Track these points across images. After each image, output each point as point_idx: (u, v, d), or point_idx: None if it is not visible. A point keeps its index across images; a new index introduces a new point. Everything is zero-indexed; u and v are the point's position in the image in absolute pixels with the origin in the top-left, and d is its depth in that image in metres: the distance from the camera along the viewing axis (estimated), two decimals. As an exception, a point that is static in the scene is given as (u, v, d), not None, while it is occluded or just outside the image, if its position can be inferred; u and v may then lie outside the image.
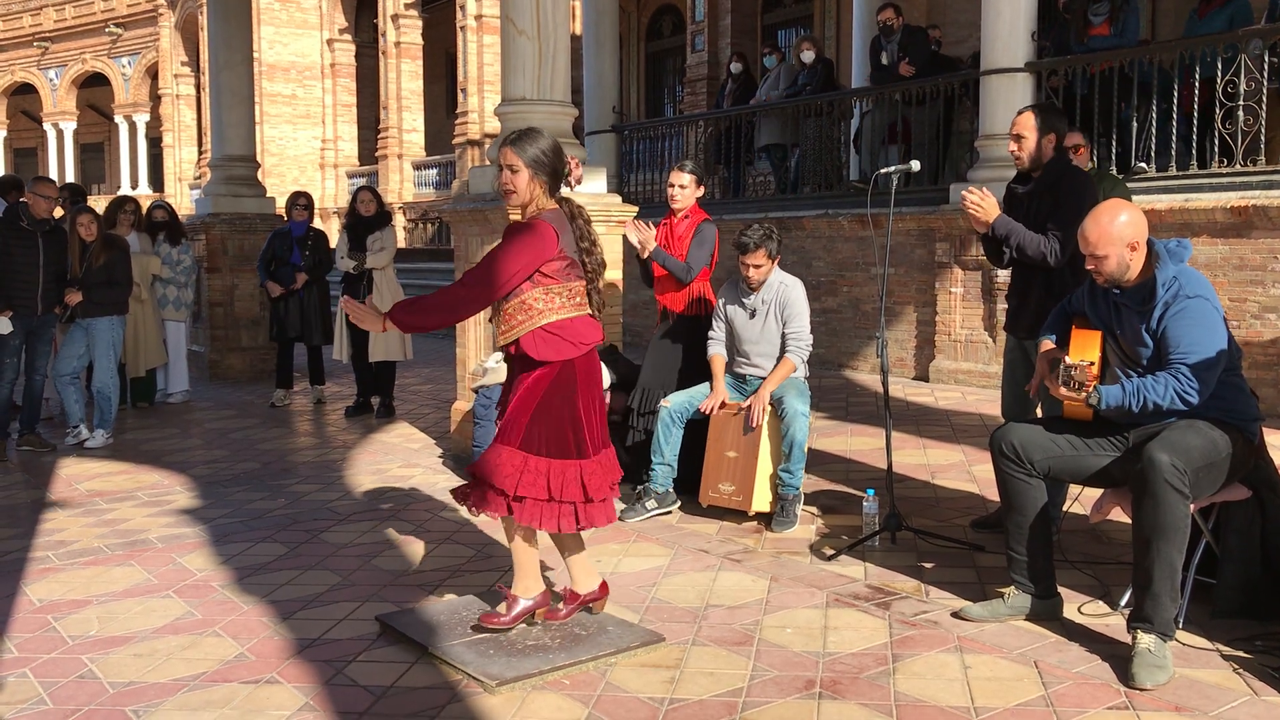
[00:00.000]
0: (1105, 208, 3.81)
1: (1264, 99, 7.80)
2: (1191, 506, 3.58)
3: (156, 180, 32.68)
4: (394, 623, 4.05)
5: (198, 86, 29.17)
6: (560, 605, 4.05)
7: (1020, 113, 4.87)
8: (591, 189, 6.87)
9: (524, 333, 3.83)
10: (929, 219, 9.53)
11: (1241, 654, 3.63)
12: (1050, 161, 4.81)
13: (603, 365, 6.28)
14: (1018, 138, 4.83)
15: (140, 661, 3.83)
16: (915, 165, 5.24)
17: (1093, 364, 3.77)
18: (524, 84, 6.74)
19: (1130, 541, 3.72)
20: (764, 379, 5.43)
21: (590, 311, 3.96)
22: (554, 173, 3.89)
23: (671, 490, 5.56)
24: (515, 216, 4.99)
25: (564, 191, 4.02)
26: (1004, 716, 3.26)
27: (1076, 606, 4.09)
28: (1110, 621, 3.95)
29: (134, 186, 32.20)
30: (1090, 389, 3.68)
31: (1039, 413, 4.85)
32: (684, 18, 19.51)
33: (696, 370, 5.77)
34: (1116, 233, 3.70)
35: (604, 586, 4.13)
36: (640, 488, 5.64)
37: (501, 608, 3.96)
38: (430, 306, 3.87)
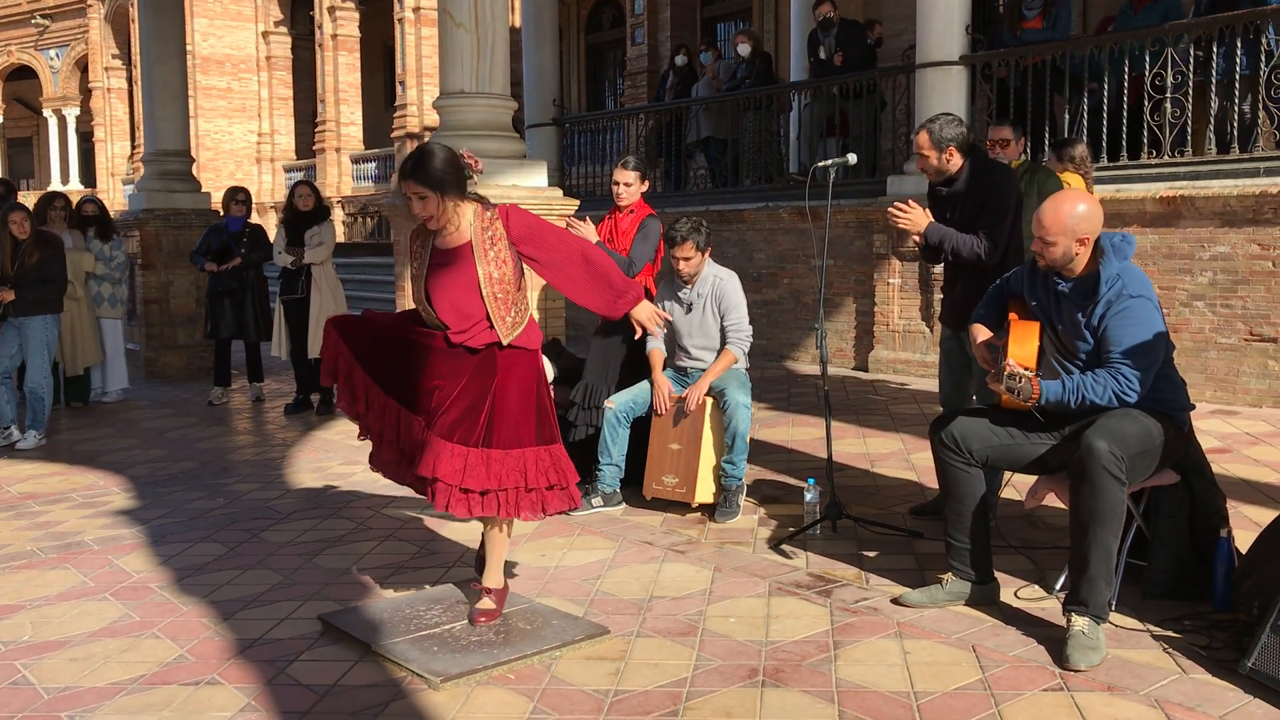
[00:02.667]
0: (1067, 197, 3.87)
1: (1190, 92, 7.99)
2: (1126, 492, 3.67)
3: (88, 175, 32.02)
4: (336, 621, 4.02)
5: (130, 80, 28.61)
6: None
7: (918, 131, 4.93)
8: (532, 183, 6.86)
9: (529, 317, 3.96)
10: (867, 211, 9.63)
11: (1171, 634, 3.73)
12: (968, 164, 4.87)
13: (545, 359, 6.29)
14: (920, 156, 4.91)
15: (76, 666, 3.77)
16: (852, 158, 5.29)
17: (1037, 375, 3.81)
18: (462, 77, 6.72)
19: (1064, 526, 3.81)
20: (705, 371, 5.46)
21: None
22: (458, 182, 3.87)
23: (618, 491, 5.56)
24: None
25: (471, 187, 4.04)
26: (943, 700, 3.32)
27: (1013, 591, 4.17)
28: (1046, 605, 4.03)
29: (64, 182, 31.52)
30: (1034, 400, 3.73)
31: (975, 401, 4.93)
32: (624, 10, 19.50)
33: (639, 365, 5.78)
34: (1071, 225, 3.76)
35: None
36: (587, 485, 5.65)
37: (486, 602, 4.01)
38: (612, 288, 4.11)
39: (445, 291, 3.87)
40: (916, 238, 4.93)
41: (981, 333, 4.19)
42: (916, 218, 4.83)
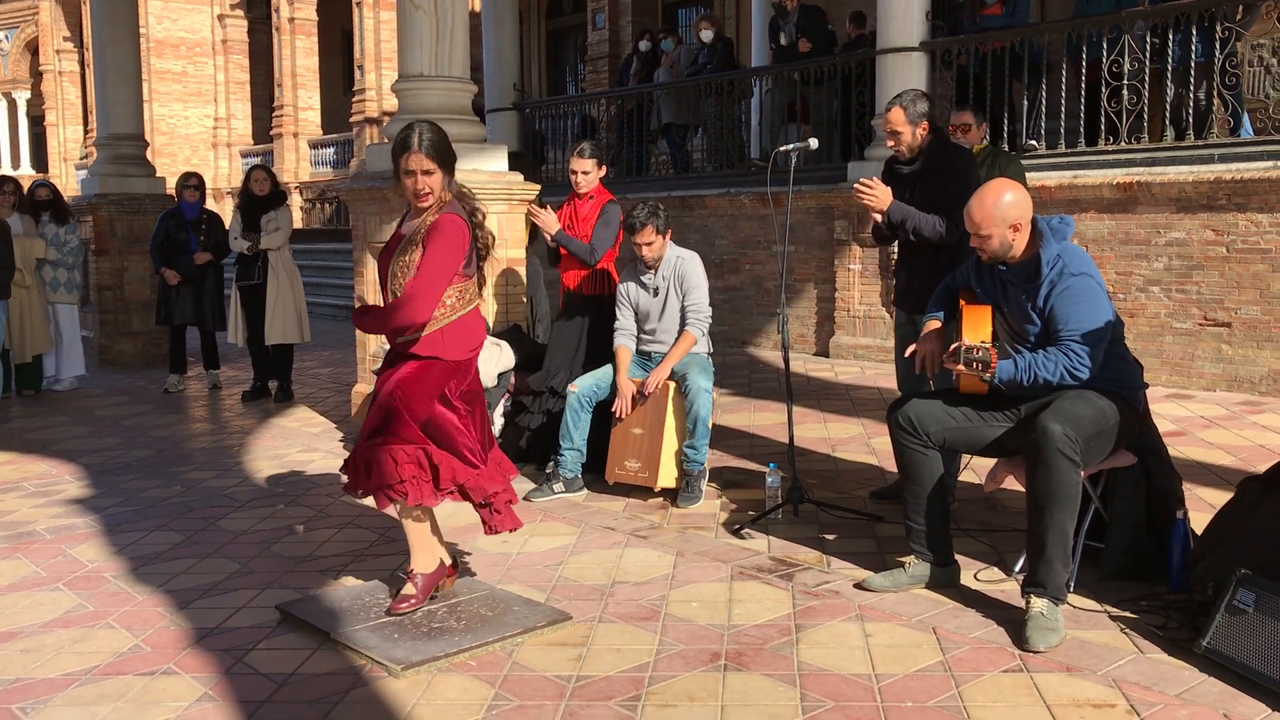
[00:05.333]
0: (991, 188, 3.88)
1: (1146, 78, 8.06)
2: (1081, 474, 3.70)
3: (40, 160, 31.48)
4: (295, 610, 3.98)
5: (82, 63, 28.14)
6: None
7: (889, 109, 4.95)
8: (493, 167, 6.80)
9: (431, 330, 3.80)
10: (828, 197, 9.65)
11: (1128, 614, 3.77)
12: (930, 143, 4.91)
13: (507, 345, 6.26)
14: (893, 134, 4.93)
15: (28, 657, 3.70)
16: (813, 143, 5.30)
17: (994, 346, 3.84)
18: (421, 60, 6.64)
19: (1023, 509, 3.83)
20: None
21: (479, 301, 3.99)
22: (454, 161, 3.89)
23: (580, 476, 5.54)
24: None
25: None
26: (904, 682, 3.33)
27: (972, 573, 4.19)
28: (1005, 587, 4.06)
29: (15, 167, 30.96)
30: (993, 370, 3.76)
31: (932, 386, 4.95)
32: (584, -5, 19.41)
33: (601, 350, 5.76)
34: (1000, 214, 3.79)
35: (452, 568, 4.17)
36: (548, 470, 5.63)
37: (408, 588, 3.94)
38: (379, 315, 3.83)
39: (380, 275, 3.92)
40: (878, 216, 4.95)
41: (932, 325, 4.22)
42: (882, 195, 4.86)
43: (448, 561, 4.10)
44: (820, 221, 9.91)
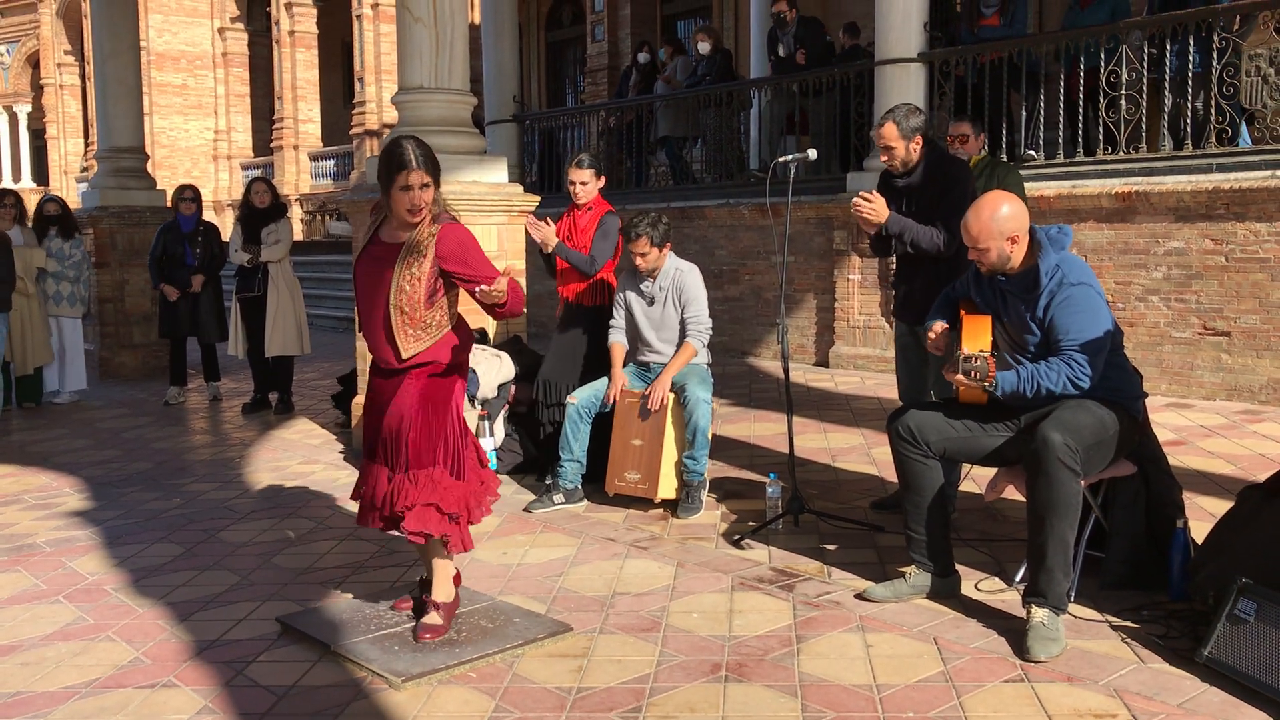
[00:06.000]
0: (987, 201, 3.89)
1: (1144, 88, 8.08)
2: (1082, 483, 3.70)
3: (40, 173, 31.55)
4: (295, 622, 3.98)
5: (83, 76, 28.22)
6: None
7: (881, 124, 4.96)
8: (492, 178, 6.82)
9: (440, 336, 3.79)
10: (827, 207, 9.67)
11: (1129, 624, 3.77)
12: (924, 156, 4.92)
13: (507, 356, 6.27)
14: (887, 149, 4.93)
15: (27, 670, 3.70)
16: (812, 154, 5.31)
17: (993, 355, 3.85)
18: (421, 72, 6.66)
19: (1023, 519, 3.83)
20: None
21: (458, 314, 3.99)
22: (439, 173, 3.86)
23: (580, 488, 5.53)
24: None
25: None
26: (905, 693, 3.33)
27: (973, 583, 4.19)
28: (1006, 597, 4.06)
29: (16, 180, 31.04)
30: (991, 379, 3.77)
31: (933, 396, 4.96)
32: (584, 7, 19.45)
33: (601, 360, 5.76)
34: (997, 227, 3.81)
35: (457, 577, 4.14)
36: (549, 482, 5.63)
37: (434, 617, 3.85)
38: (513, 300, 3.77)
39: (365, 283, 3.84)
40: (870, 231, 4.96)
41: (937, 328, 4.22)
42: (881, 208, 4.87)
43: (452, 571, 4.08)
44: (819, 232, 9.92)
